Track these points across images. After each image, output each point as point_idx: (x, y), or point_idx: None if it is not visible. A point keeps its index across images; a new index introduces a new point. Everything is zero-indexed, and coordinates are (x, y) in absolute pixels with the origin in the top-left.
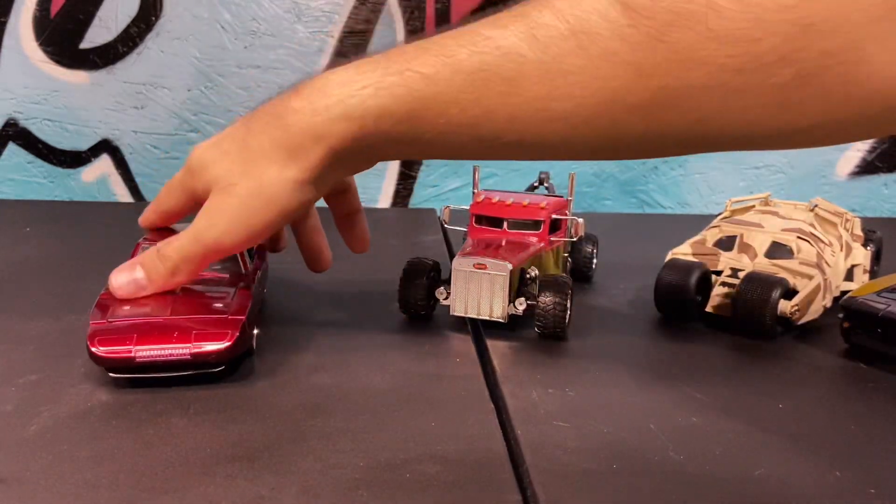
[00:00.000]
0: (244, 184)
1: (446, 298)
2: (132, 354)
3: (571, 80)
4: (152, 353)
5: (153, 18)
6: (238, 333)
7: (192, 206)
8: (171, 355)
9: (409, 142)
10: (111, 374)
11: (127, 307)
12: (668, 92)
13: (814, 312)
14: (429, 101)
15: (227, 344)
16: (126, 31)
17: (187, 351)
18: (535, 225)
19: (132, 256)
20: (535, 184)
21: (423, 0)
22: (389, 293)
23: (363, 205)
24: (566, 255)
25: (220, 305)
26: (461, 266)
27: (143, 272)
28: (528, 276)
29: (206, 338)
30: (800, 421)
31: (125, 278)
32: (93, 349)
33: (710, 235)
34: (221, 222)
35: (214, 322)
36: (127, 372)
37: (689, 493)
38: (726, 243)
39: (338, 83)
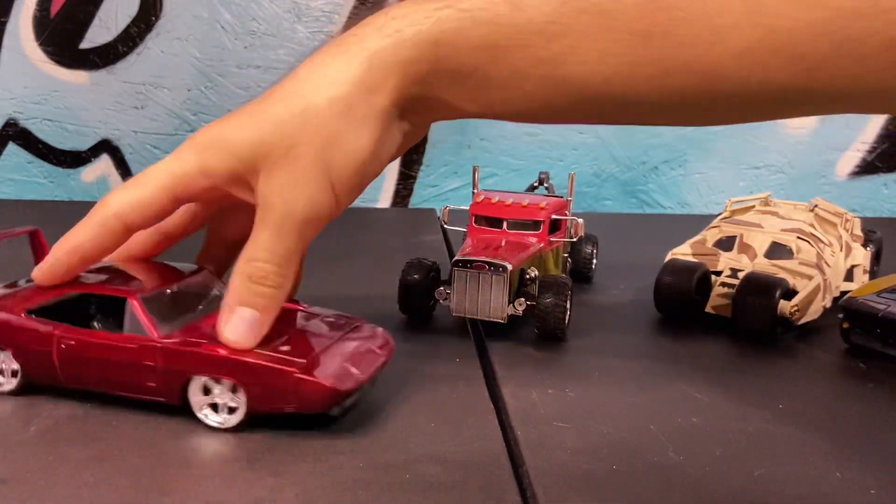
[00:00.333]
0: (307, 137)
1: (446, 298)
2: (360, 379)
3: (675, 14)
4: (369, 374)
5: (153, 18)
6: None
7: (173, 207)
8: (377, 371)
9: (480, 81)
10: (331, 414)
11: (286, 346)
12: (778, 35)
13: (814, 312)
14: (512, 30)
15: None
16: (126, 31)
17: (383, 360)
18: (535, 225)
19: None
20: (535, 184)
21: None
22: (389, 293)
23: (363, 205)
24: (566, 255)
25: (334, 320)
26: (461, 266)
27: (248, 309)
28: (527, 276)
29: (382, 348)
30: (800, 421)
31: (236, 326)
32: (334, 388)
33: (710, 235)
34: (303, 192)
35: (367, 335)
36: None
37: (689, 493)
38: (726, 243)
39: (410, 4)
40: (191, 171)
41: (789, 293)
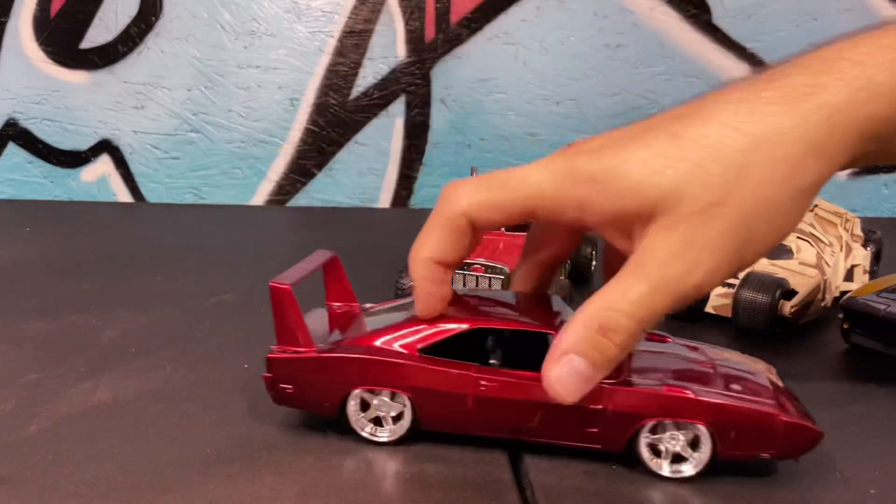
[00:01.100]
0: (736, 200)
1: None
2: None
3: None
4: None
5: (153, 18)
6: None
7: (520, 222)
8: None
9: None
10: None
11: (734, 385)
12: None
13: (814, 312)
14: None
15: None
16: (126, 31)
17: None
18: None
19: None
20: None
21: (423, 0)
22: (388, 294)
23: (363, 205)
24: None
25: (709, 349)
26: (459, 268)
27: (583, 360)
28: None
29: (778, 377)
30: None
31: (566, 374)
32: (820, 432)
33: None
34: (708, 259)
35: (753, 365)
36: None
37: (690, 493)
38: None
39: (869, 44)
40: (563, 201)
41: (789, 293)
